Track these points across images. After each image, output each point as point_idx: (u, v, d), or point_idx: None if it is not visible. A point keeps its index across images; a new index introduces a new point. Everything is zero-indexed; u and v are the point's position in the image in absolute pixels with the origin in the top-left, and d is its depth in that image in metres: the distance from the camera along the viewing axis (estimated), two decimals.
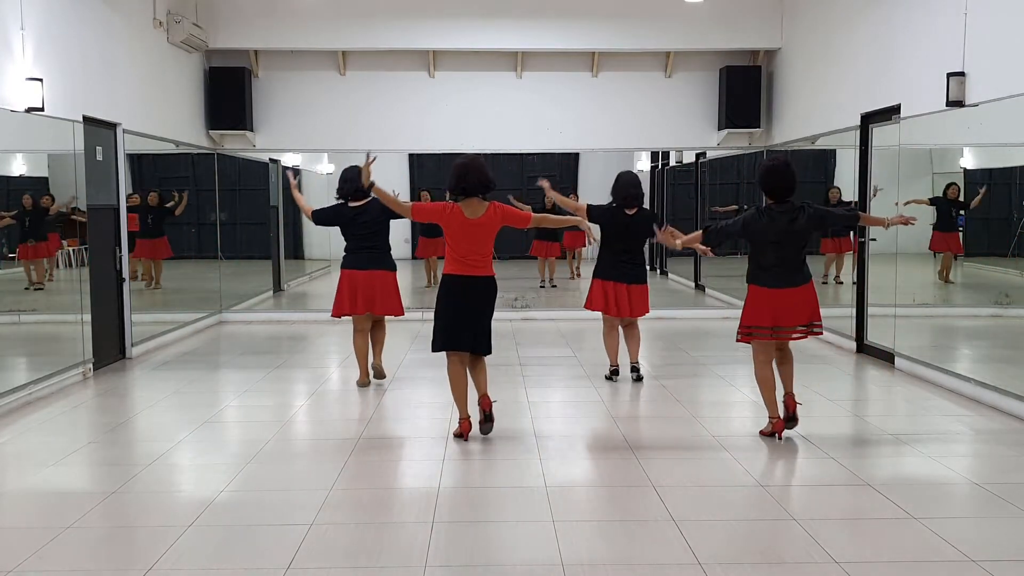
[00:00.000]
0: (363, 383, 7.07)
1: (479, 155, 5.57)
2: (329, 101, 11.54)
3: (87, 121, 7.70)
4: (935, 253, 8.30)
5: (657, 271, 15.25)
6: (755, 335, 5.42)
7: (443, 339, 5.41)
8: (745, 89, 11.39)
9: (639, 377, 7.17)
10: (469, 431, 5.49)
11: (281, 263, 13.53)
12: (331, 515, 4.23)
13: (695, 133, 11.82)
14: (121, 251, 8.35)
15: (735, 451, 5.24)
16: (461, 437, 5.48)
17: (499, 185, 5.49)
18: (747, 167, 12.52)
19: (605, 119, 11.66)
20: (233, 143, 11.53)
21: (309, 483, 4.72)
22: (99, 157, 8.03)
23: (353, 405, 6.59)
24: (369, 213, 6.73)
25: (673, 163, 15.06)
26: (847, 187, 9.33)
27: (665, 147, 13.82)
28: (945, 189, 8.00)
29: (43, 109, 6.89)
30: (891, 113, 8.01)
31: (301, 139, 11.70)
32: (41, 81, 6.87)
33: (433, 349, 5.45)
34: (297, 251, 14.85)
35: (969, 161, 8.02)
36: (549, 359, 8.38)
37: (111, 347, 8.16)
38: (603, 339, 7.27)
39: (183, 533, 3.99)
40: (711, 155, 13.01)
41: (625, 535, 4.02)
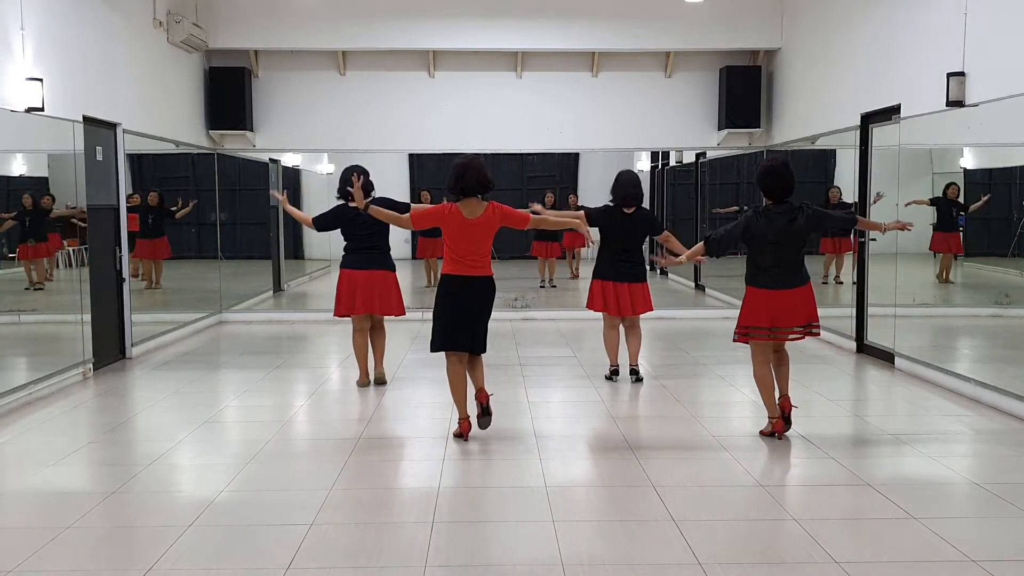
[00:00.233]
0: (363, 383, 7.08)
1: (478, 155, 5.57)
2: (329, 101, 11.54)
3: (87, 121, 7.71)
4: (935, 253, 8.30)
5: (657, 271, 15.24)
6: (752, 335, 5.42)
7: (442, 339, 5.41)
8: (745, 89, 11.39)
9: (638, 379, 7.17)
10: (469, 431, 5.49)
11: (281, 263, 13.53)
12: (331, 515, 4.23)
13: (695, 133, 11.82)
14: (121, 251, 8.35)
15: (735, 451, 5.24)
16: (461, 437, 5.48)
17: (499, 185, 5.50)
18: (747, 167, 12.51)
19: (605, 119, 11.66)
20: (233, 143, 11.52)
21: (309, 483, 4.73)
22: (99, 157, 8.03)
23: (353, 405, 6.59)
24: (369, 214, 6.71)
25: (673, 163, 15.06)
26: (847, 187, 9.33)
27: (665, 147, 13.81)
28: (945, 189, 8.00)
29: (43, 109, 6.89)
30: (891, 113, 8.01)
31: (301, 139, 11.71)
32: (41, 81, 6.87)
33: (432, 349, 5.45)
34: (297, 251, 14.86)
35: (969, 161, 8.02)
36: (549, 359, 8.38)
37: (111, 347, 8.16)
38: (603, 339, 7.27)
39: (183, 533, 4.00)
40: (711, 155, 13.01)
41: (625, 535, 4.02)
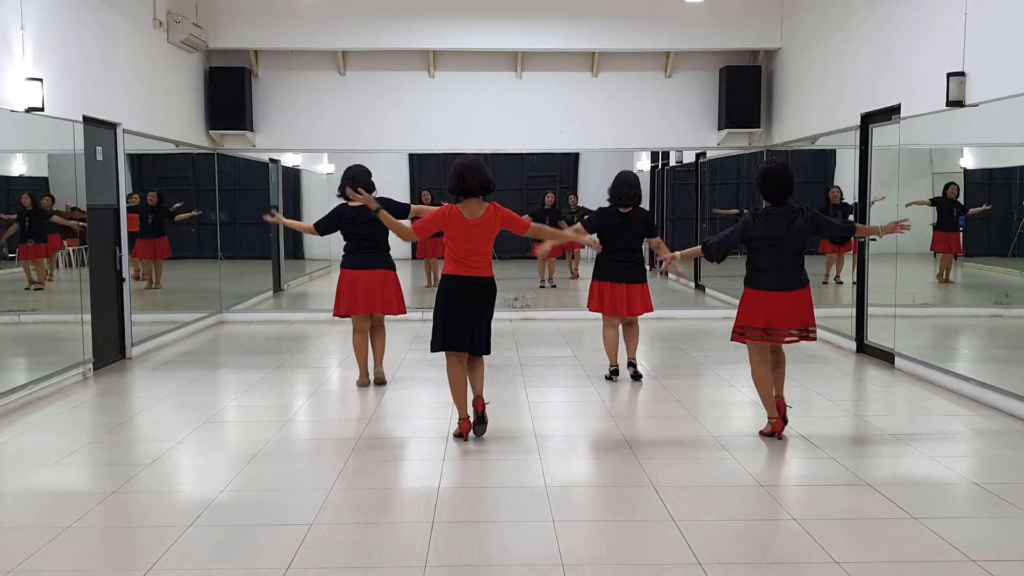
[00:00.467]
0: (363, 383, 7.08)
1: (479, 155, 5.57)
2: (329, 101, 11.53)
3: (87, 121, 7.71)
4: (935, 253, 8.30)
5: (657, 274, 15.23)
6: (747, 335, 5.43)
7: (442, 339, 5.41)
8: (745, 89, 11.38)
9: (636, 374, 7.17)
10: (469, 431, 5.49)
11: (281, 263, 13.53)
12: (331, 515, 4.23)
13: (695, 133, 11.81)
14: (121, 251, 8.35)
15: (735, 451, 5.24)
16: (461, 437, 5.48)
17: (499, 185, 5.50)
18: (747, 167, 12.51)
19: (605, 119, 11.65)
20: (233, 143, 11.52)
21: (309, 483, 4.73)
22: (99, 157, 8.03)
23: (353, 405, 6.59)
24: (369, 213, 6.71)
25: (673, 163, 15.06)
26: (847, 187, 9.33)
27: (665, 147, 13.81)
28: (945, 189, 8.00)
29: (43, 109, 6.89)
30: (891, 113, 8.01)
31: (301, 139, 11.70)
32: (41, 81, 6.87)
33: (432, 349, 5.45)
34: (297, 251, 14.87)
35: (969, 161, 8.02)
36: (549, 359, 8.38)
37: (111, 347, 8.16)
38: (603, 339, 7.27)
39: (183, 533, 4.00)
40: (711, 155, 13.01)
41: (625, 535, 4.02)
